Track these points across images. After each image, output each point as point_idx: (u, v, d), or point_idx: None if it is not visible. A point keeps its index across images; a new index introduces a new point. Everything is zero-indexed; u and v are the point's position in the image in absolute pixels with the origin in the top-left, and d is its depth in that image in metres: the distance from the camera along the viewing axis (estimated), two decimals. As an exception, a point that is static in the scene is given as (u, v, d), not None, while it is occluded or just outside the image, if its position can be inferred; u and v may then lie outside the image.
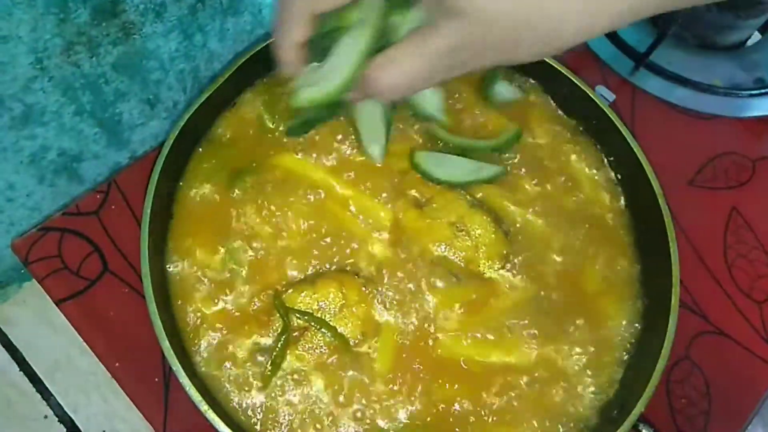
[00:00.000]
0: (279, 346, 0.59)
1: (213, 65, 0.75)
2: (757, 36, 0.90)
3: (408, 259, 0.64)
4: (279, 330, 0.59)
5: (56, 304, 0.63)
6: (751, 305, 0.71)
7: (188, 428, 0.60)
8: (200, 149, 0.68)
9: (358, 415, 0.58)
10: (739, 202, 0.77)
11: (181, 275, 0.62)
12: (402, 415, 0.59)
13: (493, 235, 0.63)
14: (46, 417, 0.74)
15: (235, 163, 0.67)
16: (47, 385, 0.75)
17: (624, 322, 0.64)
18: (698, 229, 0.74)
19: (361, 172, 0.67)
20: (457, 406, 0.59)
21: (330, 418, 0.58)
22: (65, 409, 0.74)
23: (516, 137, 0.71)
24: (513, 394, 0.60)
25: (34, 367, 0.75)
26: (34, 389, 0.75)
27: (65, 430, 0.74)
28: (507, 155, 0.71)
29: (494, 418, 0.59)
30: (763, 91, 0.84)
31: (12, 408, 0.74)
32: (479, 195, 0.68)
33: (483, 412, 0.59)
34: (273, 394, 0.58)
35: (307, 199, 0.66)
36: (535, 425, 0.59)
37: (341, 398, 0.59)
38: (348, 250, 0.64)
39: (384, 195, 0.67)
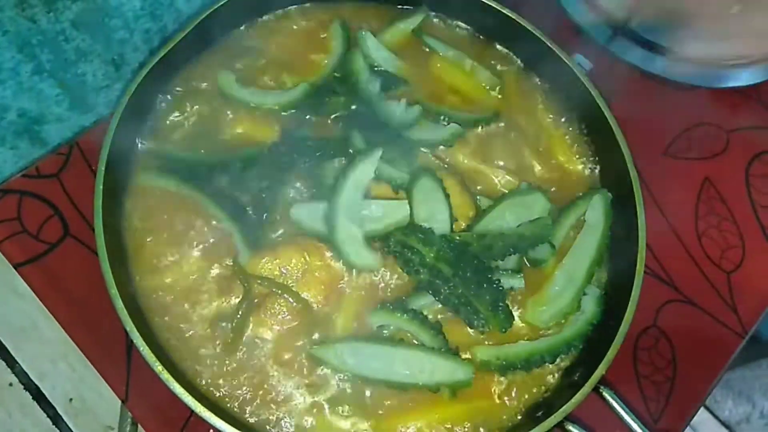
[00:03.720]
0: (240, 313, 0.58)
1: (181, 26, 0.73)
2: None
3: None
4: (240, 297, 0.58)
5: (14, 268, 0.62)
6: (719, 274, 0.71)
7: (149, 394, 0.59)
8: (161, 107, 0.67)
9: (315, 374, 0.58)
10: (712, 173, 0.77)
11: (139, 238, 0.61)
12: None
13: (459, 198, 0.63)
14: (11, 385, 0.73)
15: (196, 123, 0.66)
16: (12, 353, 0.74)
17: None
18: (670, 199, 0.74)
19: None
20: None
21: (289, 381, 0.57)
22: (31, 376, 0.73)
23: (494, 117, 0.71)
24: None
25: (-1, 335, 0.74)
26: (-1, 357, 0.74)
27: (30, 397, 0.73)
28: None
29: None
30: (740, 62, 0.83)
31: (-24, 376, 0.73)
32: (448, 159, 0.67)
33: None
34: (234, 360, 0.57)
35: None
36: (493, 390, 0.59)
37: (302, 360, 0.58)
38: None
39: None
